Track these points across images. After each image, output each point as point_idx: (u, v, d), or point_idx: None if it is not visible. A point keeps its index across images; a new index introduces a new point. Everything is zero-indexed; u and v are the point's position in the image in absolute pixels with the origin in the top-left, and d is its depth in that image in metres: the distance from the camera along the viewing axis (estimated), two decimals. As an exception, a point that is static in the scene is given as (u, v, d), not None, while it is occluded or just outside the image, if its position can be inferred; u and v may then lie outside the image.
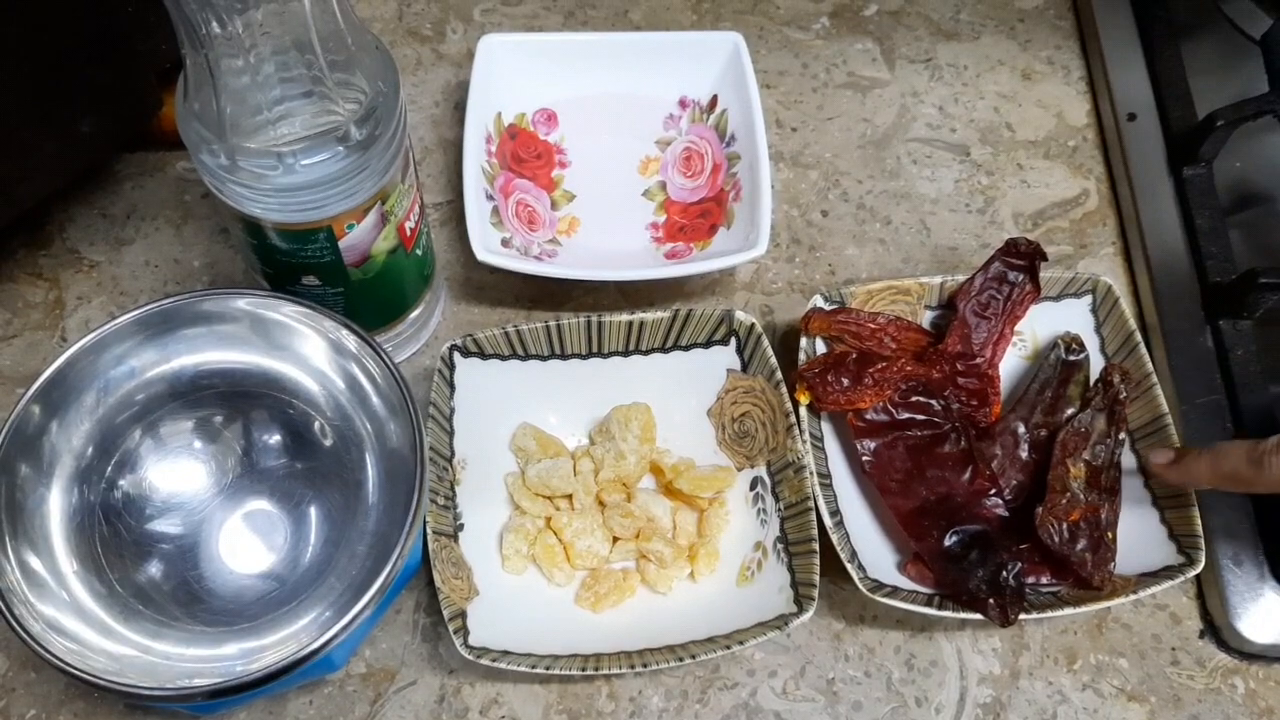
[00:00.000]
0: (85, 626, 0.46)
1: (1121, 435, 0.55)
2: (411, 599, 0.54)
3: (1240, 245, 0.64)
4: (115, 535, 0.50)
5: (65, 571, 0.48)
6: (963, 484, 0.54)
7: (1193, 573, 0.51)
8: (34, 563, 0.47)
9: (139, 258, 0.63)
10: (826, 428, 0.57)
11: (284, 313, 0.51)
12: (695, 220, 0.64)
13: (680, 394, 0.58)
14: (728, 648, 0.49)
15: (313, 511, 0.52)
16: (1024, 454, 0.56)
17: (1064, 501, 0.52)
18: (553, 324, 0.56)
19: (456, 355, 0.55)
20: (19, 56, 0.51)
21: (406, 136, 0.49)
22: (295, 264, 0.50)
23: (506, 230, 0.61)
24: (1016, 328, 0.58)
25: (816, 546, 0.51)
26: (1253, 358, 0.60)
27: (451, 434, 0.54)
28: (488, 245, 0.58)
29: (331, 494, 0.52)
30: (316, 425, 0.53)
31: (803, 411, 0.55)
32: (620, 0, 0.75)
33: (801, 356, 0.56)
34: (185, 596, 0.50)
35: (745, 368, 0.57)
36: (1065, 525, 0.51)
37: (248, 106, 0.44)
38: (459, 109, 0.68)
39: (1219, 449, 0.50)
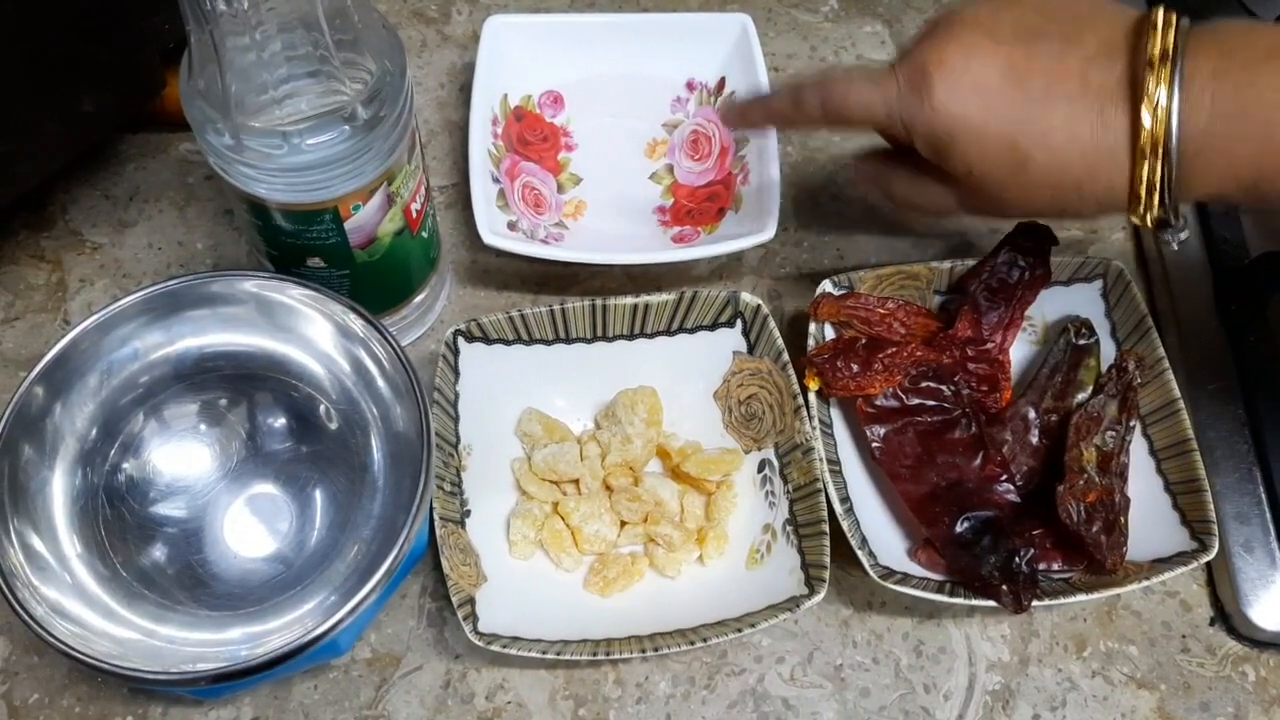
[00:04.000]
0: (88, 610, 0.46)
1: (1132, 422, 0.55)
2: (417, 584, 0.54)
3: (1253, 230, 0.63)
4: (119, 518, 0.50)
5: (68, 554, 0.47)
6: (973, 470, 0.54)
7: (1205, 559, 0.51)
8: (37, 545, 0.46)
9: (142, 240, 0.63)
10: (836, 414, 0.56)
11: (290, 295, 0.51)
12: (703, 204, 0.63)
13: (686, 377, 0.57)
14: (739, 630, 0.49)
15: (318, 495, 0.52)
16: (1034, 439, 0.55)
17: (1081, 482, 0.52)
18: (557, 308, 0.55)
19: (460, 340, 0.55)
20: (20, 33, 0.50)
21: (413, 117, 0.49)
22: (300, 246, 0.50)
23: (513, 213, 0.61)
24: (1026, 312, 0.58)
25: (826, 528, 0.50)
26: (1265, 343, 0.59)
27: (456, 420, 0.54)
28: (494, 228, 0.58)
29: (337, 478, 0.52)
30: (322, 409, 0.52)
31: (812, 398, 0.54)
32: (627, -18, 0.74)
33: (810, 342, 0.56)
34: (189, 580, 0.50)
35: (751, 349, 0.56)
36: (1083, 506, 0.51)
37: (253, 85, 0.43)
38: (464, 91, 0.68)
39: (778, 91, 0.48)
